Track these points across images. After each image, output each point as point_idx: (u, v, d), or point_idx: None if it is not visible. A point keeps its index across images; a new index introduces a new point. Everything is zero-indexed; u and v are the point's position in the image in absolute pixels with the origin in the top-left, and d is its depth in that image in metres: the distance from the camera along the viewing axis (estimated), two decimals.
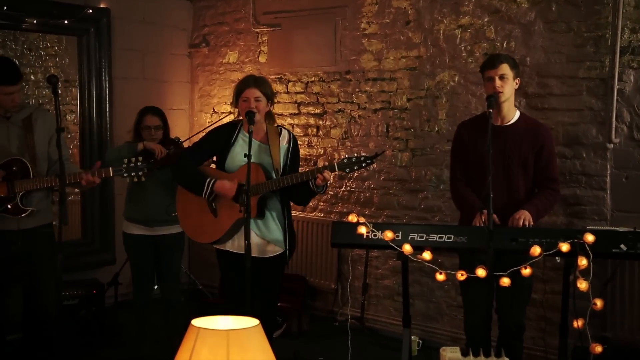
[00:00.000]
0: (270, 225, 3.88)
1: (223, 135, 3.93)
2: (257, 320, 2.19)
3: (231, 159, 3.87)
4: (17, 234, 3.87)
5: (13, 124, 3.89)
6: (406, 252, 3.37)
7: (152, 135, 4.62)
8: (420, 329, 5.22)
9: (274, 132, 3.94)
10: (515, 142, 3.82)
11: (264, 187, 3.76)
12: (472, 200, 3.84)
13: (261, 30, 6.31)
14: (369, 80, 5.61)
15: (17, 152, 3.85)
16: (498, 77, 3.76)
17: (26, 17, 5.46)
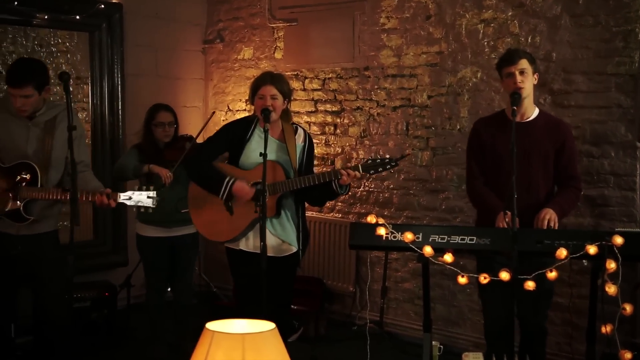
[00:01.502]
0: (285, 224, 3.90)
1: (238, 131, 3.94)
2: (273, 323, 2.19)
3: (246, 155, 3.88)
4: (17, 238, 3.84)
5: (35, 126, 3.85)
6: (427, 254, 3.35)
7: (165, 132, 4.64)
8: (442, 333, 5.20)
9: (290, 130, 3.96)
10: (536, 139, 3.80)
11: (284, 186, 3.78)
12: (492, 201, 3.82)
13: (277, 26, 6.32)
14: (388, 76, 5.60)
15: (32, 154, 3.82)
16: (518, 72, 3.75)
17: (37, 13, 5.50)
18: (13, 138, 3.83)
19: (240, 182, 3.79)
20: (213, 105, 6.85)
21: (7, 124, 3.84)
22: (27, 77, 3.74)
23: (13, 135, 3.83)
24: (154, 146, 4.64)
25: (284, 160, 3.88)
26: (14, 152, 3.81)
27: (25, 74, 3.76)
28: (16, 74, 3.77)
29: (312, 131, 6.08)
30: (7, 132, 3.83)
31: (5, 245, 3.85)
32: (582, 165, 4.60)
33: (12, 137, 3.83)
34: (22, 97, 3.74)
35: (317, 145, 6.06)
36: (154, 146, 4.64)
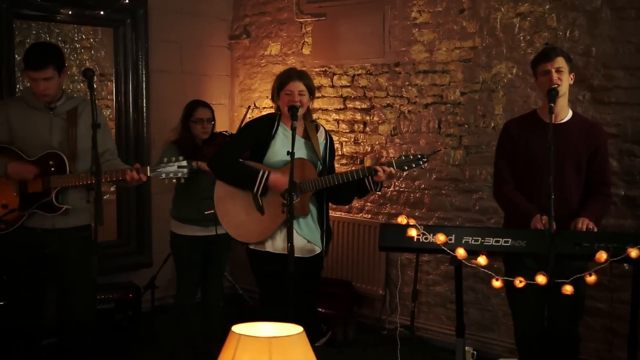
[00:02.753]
0: (310, 224, 3.92)
1: (263, 129, 3.95)
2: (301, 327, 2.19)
3: (272, 153, 3.90)
4: (53, 233, 3.92)
5: (57, 116, 3.93)
6: (460, 257, 3.33)
7: (204, 128, 4.69)
8: (475, 339, 5.17)
9: (312, 128, 4.01)
10: (570, 142, 3.77)
11: (317, 184, 3.79)
12: (524, 204, 3.79)
13: (305, 21, 6.32)
14: (419, 73, 5.57)
15: (57, 145, 3.90)
16: (554, 70, 3.72)
17: (61, 8, 5.57)
18: (36, 131, 3.90)
19: (275, 173, 3.80)
20: (239, 103, 6.88)
21: (29, 118, 3.91)
22: (47, 59, 3.83)
23: (36, 127, 3.90)
24: (192, 143, 4.67)
25: (312, 157, 3.90)
26: (39, 144, 3.88)
27: (45, 56, 3.85)
28: (36, 57, 3.86)
29: (341, 129, 6.08)
30: (29, 126, 3.90)
31: (41, 242, 3.92)
32: (622, 164, 4.56)
33: (35, 130, 3.90)
34: (44, 81, 3.80)
35: (346, 144, 6.06)
36: (192, 143, 4.67)
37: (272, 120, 3.98)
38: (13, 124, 3.90)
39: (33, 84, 3.84)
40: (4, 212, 3.87)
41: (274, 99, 4.01)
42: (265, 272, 3.97)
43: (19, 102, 4.00)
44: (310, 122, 4.05)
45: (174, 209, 4.78)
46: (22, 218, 3.87)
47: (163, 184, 5.20)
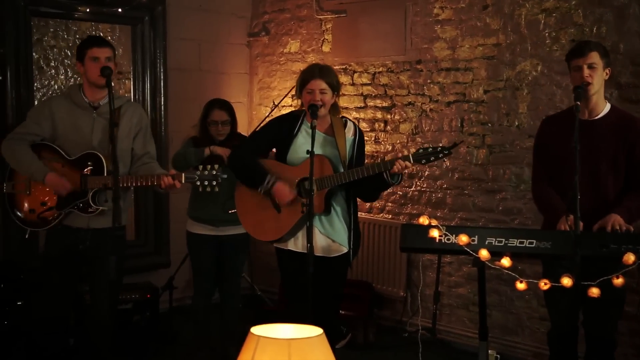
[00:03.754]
0: (335, 223, 3.90)
1: (285, 126, 3.97)
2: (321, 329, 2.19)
3: (294, 151, 3.90)
4: (87, 232, 4.01)
5: (99, 115, 4.00)
6: (483, 258, 3.31)
7: (219, 131, 4.69)
8: (498, 342, 5.15)
9: (339, 124, 3.97)
10: (605, 138, 3.72)
11: (332, 181, 3.78)
12: (556, 203, 3.76)
13: (325, 18, 6.32)
14: (442, 70, 5.56)
15: (97, 145, 3.97)
16: (586, 66, 3.68)
17: (79, 6, 5.61)
18: (79, 129, 3.98)
19: (282, 183, 3.81)
20: (258, 101, 6.89)
21: (72, 116, 4.00)
22: (107, 41, 4.06)
23: (79, 126, 3.99)
24: (210, 143, 4.69)
25: (333, 154, 3.89)
26: (80, 142, 3.97)
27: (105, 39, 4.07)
28: (100, 37, 4.07)
29: (361, 127, 6.05)
30: (72, 124, 3.99)
31: (76, 240, 4.01)
32: None
33: (77, 128, 3.99)
34: (106, 59, 3.93)
35: (367, 143, 6.02)
36: (210, 143, 4.69)
37: (297, 117, 3.99)
38: (57, 121, 4.00)
39: (93, 64, 3.92)
40: (43, 210, 3.99)
41: (298, 96, 4.01)
42: (287, 269, 3.99)
43: (63, 99, 4.09)
44: (339, 117, 4.03)
45: (189, 208, 4.81)
46: (59, 216, 3.97)
47: None
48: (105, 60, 3.93)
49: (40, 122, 4.00)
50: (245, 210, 4.01)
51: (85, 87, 4.04)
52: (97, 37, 4.17)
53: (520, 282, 3.25)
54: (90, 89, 4.02)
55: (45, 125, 3.99)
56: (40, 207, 4.00)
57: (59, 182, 3.90)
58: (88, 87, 4.02)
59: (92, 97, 4.02)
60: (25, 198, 4.04)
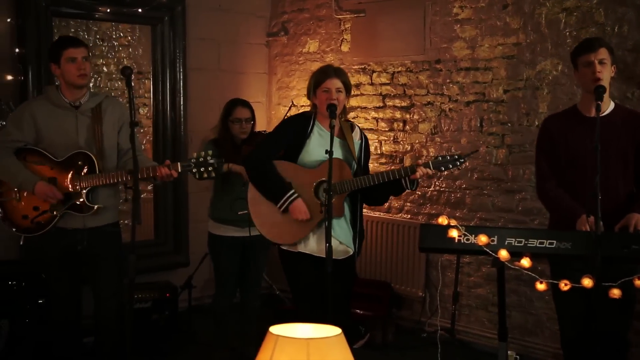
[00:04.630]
0: (343, 225, 3.92)
1: (298, 128, 3.95)
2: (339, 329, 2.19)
3: (307, 153, 3.89)
4: (84, 232, 3.98)
5: (82, 114, 3.97)
6: (502, 259, 3.30)
7: (242, 128, 4.70)
8: (518, 343, 5.12)
9: (347, 127, 4.00)
10: (613, 135, 3.69)
11: (353, 184, 3.79)
12: (569, 203, 3.73)
13: (344, 17, 6.32)
14: (461, 70, 5.54)
15: (84, 144, 3.94)
16: (598, 62, 3.65)
17: (99, 6, 5.64)
18: (63, 130, 3.94)
19: (300, 202, 3.80)
20: (277, 101, 6.90)
21: (55, 117, 3.95)
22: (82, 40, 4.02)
23: (63, 126, 3.94)
24: (231, 142, 4.70)
25: (347, 157, 3.90)
26: (66, 144, 3.93)
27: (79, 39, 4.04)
28: (73, 37, 4.10)
29: (380, 127, 6.07)
30: (56, 125, 3.94)
31: (73, 241, 3.99)
32: None
33: (61, 129, 3.94)
34: (83, 59, 3.90)
35: (385, 143, 6.04)
36: (231, 142, 4.70)
37: (308, 118, 3.98)
38: (39, 124, 3.94)
39: (70, 66, 3.89)
40: (36, 214, 3.93)
41: (309, 97, 4.01)
42: (297, 273, 3.97)
43: (42, 101, 4.03)
44: (345, 121, 4.04)
45: (211, 209, 4.81)
46: (54, 219, 3.93)
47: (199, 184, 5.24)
48: (82, 60, 3.90)
49: (22, 127, 3.92)
50: (259, 213, 3.98)
51: (63, 88, 3.98)
52: (70, 37, 4.14)
53: (540, 283, 3.23)
54: (68, 90, 3.96)
55: (28, 129, 3.92)
56: (33, 212, 3.93)
57: (49, 191, 3.85)
58: (66, 88, 3.97)
59: (72, 97, 3.97)
60: (16, 204, 3.96)
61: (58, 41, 4.07)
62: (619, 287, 3.10)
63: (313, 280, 3.85)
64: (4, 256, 5.14)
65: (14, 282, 4.60)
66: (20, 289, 4.61)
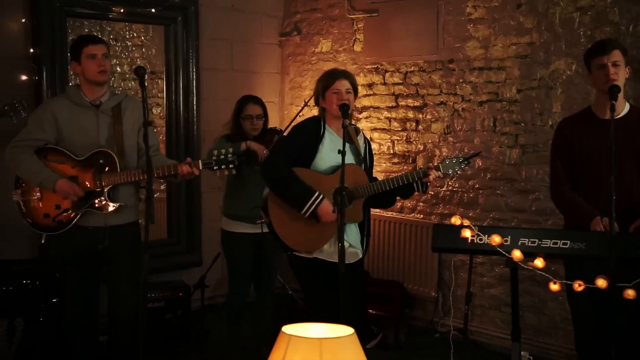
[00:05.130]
0: (353, 229, 3.93)
1: (311, 133, 3.92)
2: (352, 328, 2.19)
3: (320, 159, 3.87)
4: (105, 231, 4.02)
5: (103, 113, 4.01)
6: (516, 259, 3.29)
7: (254, 125, 4.71)
8: (531, 343, 5.10)
9: (353, 131, 4.00)
10: (628, 137, 3.68)
11: (371, 189, 3.79)
12: (583, 205, 3.72)
13: (357, 17, 6.32)
14: (474, 69, 5.52)
15: (105, 143, 3.98)
16: (611, 64, 3.63)
17: (113, 6, 5.66)
18: (84, 129, 3.98)
19: (327, 202, 3.73)
20: (289, 101, 6.91)
21: (76, 116, 3.98)
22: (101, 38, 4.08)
23: (83, 125, 3.98)
24: (243, 138, 4.70)
25: (358, 162, 3.92)
26: (86, 142, 3.96)
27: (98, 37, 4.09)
28: (93, 35, 4.10)
29: (393, 127, 6.06)
30: (76, 124, 3.98)
31: (94, 240, 4.02)
32: None
33: (82, 128, 3.98)
34: (103, 56, 3.94)
35: (398, 142, 6.04)
36: (243, 138, 4.70)
37: (318, 122, 3.95)
38: (60, 123, 3.97)
39: (90, 62, 3.92)
40: (58, 213, 3.97)
41: (317, 102, 4.00)
42: (312, 278, 3.94)
43: (63, 100, 4.06)
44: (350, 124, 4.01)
45: (224, 206, 4.81)
46: (75, 217, 3.96)
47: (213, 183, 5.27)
48: (102, 56, 3.93)
49: (44, 126, 3.96)
50: (282, 222, 3.87)
51: (83, 87, 4.02)
52: (90, 35, 4.20)
53: (554, 283, 3.22)
54: (89, 88, 4.00)
55: (49, 129, 3.96)
56: (54, 210, 3.97)
57: (70, 189, 3.88)
58: (87, 86, 4.00)
59: (93, 96, 4.00)
60: (38, 203, 4.01)
61: (78, 39, 4.10)
62: (633, 288, 3.08)
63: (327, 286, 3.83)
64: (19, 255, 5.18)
65: (28, 281, 4.63)
66: (34, 288, 4.64)
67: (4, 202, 5.25)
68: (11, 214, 5.29)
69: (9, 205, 4.63)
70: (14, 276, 4.65)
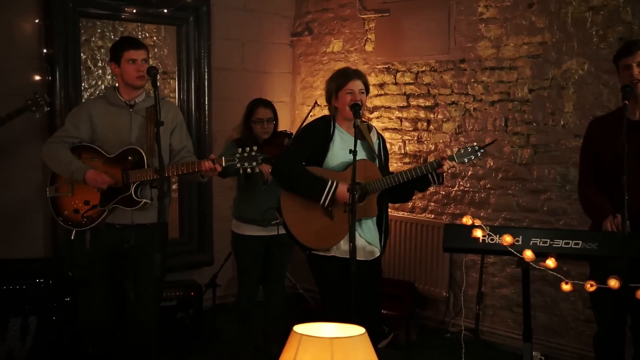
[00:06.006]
0: (370, 226, 3.92)
1: (321, 132, 3.94)
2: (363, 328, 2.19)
3: (332, 157, 3.89)
4: (131, 229, 4.07)
5: (136, 113, 4.08)
6: (527, 259, 3.28)
7: (264, 128, 4.72)
8: (543, 344, 5.09)
9: (365, 128, 4.00)
10: None
11: (384, 183, 3.78)
12: (603, 205, 3.70)
13: (368, 17, 6.31)
14: (486, 69, 5.50)
15: (136, 142, 4.04)
16: (635, 65, 3.63)
17: (125, 7, 5.68)
18: (116, 127, 4.06)
19: (344, 185, 3.74)
20: (301, 101, 6.91)
21: (110, 116, 4.08)
22: (142, 42, 4.12)
23: (116, 124, 4.06)
24: (253, 142, 4.69)
25: (371, 158, 3.90)
26: (118, 141, 4.04)
27: (140, 40, 4.13)
28: (135, 39, 4.16)
29: (404, 127, 6.05)
30: (110, 123, 4.07)
31: (121, 238, 4.08)
32: None
33: (115, 126, 4.06)
34: (142, 61, 4.00)
35: (409, 142, 6.03)
36: (253, 142, 4.69)
37: (328, 122, 3.97)
38: (95, 122, 4.07)
39: (130, 67, 4.00)
40: (87, 209, 4.05)
41: (329, 101, 4.00)
42: (329, 276, 3.94)
43: (100, 100, 4.18)
44: (362, 121, 4.02)
45: (235, 208, 4.82)
46: (103, 214, 4.04)
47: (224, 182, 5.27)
48: (142, 62, 4.00)
49: (79, 125, 4.07)
50: (296, 221, 3.91)
51: (120, 88, 4.11)
52: (132, 38, 4.24)
53: (566, 284, 3.21)
54: (126, 89, 4.08)
55: (84, 128, 4.07)
56: (84, 206, 4.07)
57: (99, 177, 3.96)
58: (124, 88, 4.09)
59: (128, 97, 4.09)
60: (69, 199, 4.12)
61: (120, 42, 4.16)
62: None
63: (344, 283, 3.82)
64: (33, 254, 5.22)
65: (41, 280, 4.66)
66: (47, 287, 4.67)
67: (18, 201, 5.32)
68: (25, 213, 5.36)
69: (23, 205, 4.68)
70: (28, 275, 4.68)
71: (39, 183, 5.17)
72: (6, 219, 5.23)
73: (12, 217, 5.26)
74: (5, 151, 5.15)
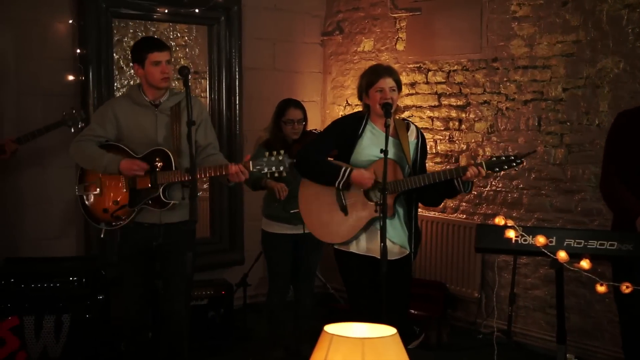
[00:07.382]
0: (396, 226, 3.89)
1: (349, 128, 3.94)
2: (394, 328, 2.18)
3: (358, 153, 3.88)
4: (160, 228, 4.09)
5: (161, 112, 4.09)
6: (561, 260, 3.25)
7: (294, 129, 4.74)
8: (577, 346, 5.03)
9: (401, 126, 3.95)
10: None
11: (405, 184, 3.76)
12: (631, 201, 3.65)
13: (399, 16, 6.29)
14: (518, 68, 5.46)
15: (163, 142, 4.05)
16: None
17: (157, 7, 5.73)
18: (143, 128, 4.07)
19: (358, 169, 3.79)
20: (331, 100, 6.92)
21: (135, 115, 4.08)
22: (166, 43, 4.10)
23: (142, 124, 4.07)
24: (283, 142, 4.72)
25: (399, 157, 3.87)
26: (145, 141, 4.05)
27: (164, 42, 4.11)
28: (158, 40, 4.13)
29: (435, 126, 6.02)
30: (136, 123, 4.08)
31: (149, 236, 4.10)
32: None
33: (141, 127, 4.07)
34: (166, 63, 4.00)
35: (441, 142, 6.00)
36: (283, 142, 4.72)
37: (360, 118, 3.96)
38: (121, 122, 4.09)
39: (154, 69, 3.99)
40: (116, 208, 4.08)
41: (361, 98, 4.00)
42: (351, 274, 3.96)
43: (125, 100, 4.17)
44: (401, 119, 4.01)
45: (264, 206, 4.85)
46: (132, 213, 4.05)
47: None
48: (166, 63, 3.99)
49: (105, 124, 4.08)
50: (310, 212, 4.00)
51: (145, 88, 4.09)
52: (156, 40, 4.22)
53: (601, 285, 3.18)
54: (150, 90, 4.08)
55: (110, 127, 4.08)
56: (113, 206, 4.08)
57: (134, 164, 3.96)
58: (148, 88, 4.08)
59: (153, 96, 4.08)
60: (98, 198, 4.14)
61: (143, 43, 4.14)
62: None
63: (367, 280, 3.84)
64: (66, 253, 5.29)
65: (74, 278, 4.73)
66: (80, 285, 4.74)
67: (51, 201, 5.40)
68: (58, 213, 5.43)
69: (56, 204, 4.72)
70: (62, 273, 4.76)
71: (71, 183, 5.23)
72: (40, 219, 5.31)
73: (45, 216, 5.34)
74: (40, 152, 5.23)
